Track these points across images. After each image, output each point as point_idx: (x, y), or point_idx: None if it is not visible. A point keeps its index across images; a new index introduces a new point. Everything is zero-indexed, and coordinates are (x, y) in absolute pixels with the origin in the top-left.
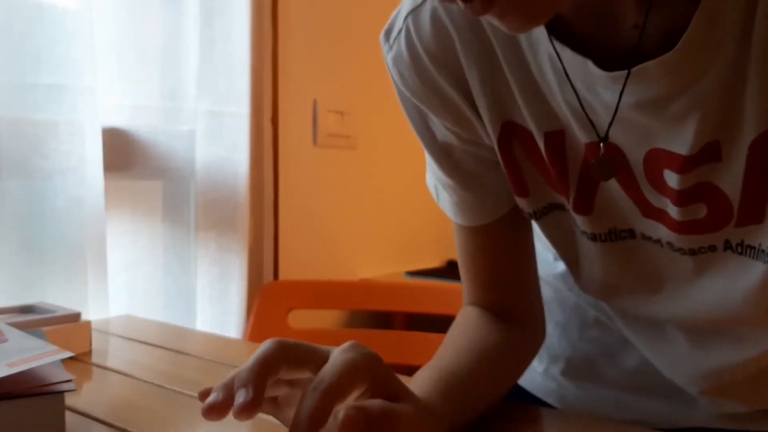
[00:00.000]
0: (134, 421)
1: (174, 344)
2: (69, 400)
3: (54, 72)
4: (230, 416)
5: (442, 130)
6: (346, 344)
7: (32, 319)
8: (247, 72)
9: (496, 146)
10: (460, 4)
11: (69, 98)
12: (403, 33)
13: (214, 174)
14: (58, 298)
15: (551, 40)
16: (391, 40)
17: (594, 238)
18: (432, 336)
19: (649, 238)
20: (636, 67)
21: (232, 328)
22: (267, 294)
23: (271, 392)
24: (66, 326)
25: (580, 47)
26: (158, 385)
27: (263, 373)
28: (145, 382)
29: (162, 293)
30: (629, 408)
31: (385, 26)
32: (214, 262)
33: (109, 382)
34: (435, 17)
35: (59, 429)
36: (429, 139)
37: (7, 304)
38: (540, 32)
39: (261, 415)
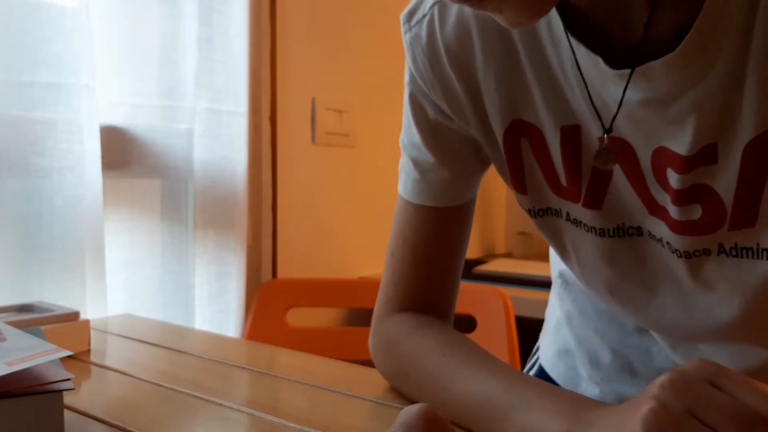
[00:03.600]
0: (133, 420)
1: (173, 343)
2: (68, 399)
3: (52, 70)
4: (230, 415)
5: (436, 108)
6: None
7: (30, 318)
8: (245, 70)
9: (501, 144)
10: (480, 14)
11: (67, 96)
12: (426, 19)
13: (213, 172)
14: (56, 296)
15: (568, 38)
16: (413, 22)
17: (602, 233)
18: None
19: (653, 237)
20: (640, 67)
21: (230, 326)
22: (265, 292)
23: None
24: (64, 325)
25: (593, 44)
26: (157, 384)
27: None
28: (144, 381)
29: (160, 292)
30: None
31: (409, 6)
32: (212, 260)
33: (107, 381)
34: (461, 15)
35: (58, 428)
36: (420, 114)
37: (6, 303)
38: (559, 30)
39: (259, 414)
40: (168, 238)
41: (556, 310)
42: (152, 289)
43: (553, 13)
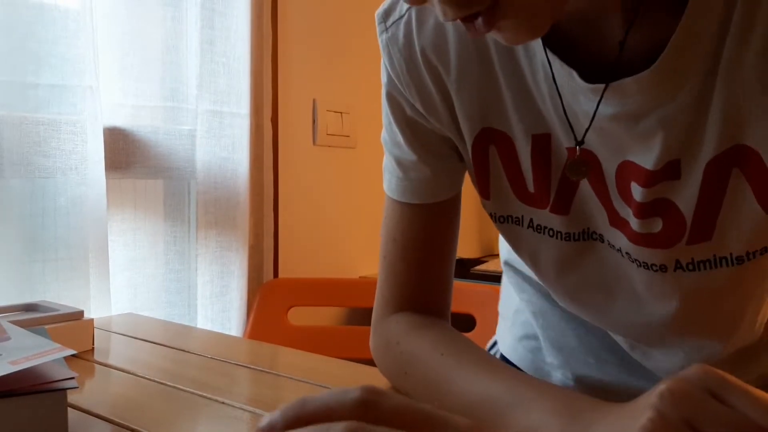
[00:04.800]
0: (136, 419)
1: (175, 342)
2: (71, 397)
3: (56, 72)
4: (232, 413)
5: (412, 107)
6: None
7: (35, 317)
8: (247, 72)
9: (469, 150)
10: (461, 24)
11: (71, 98)
12: (404, 20)
13: (215, 173)
14: (60, 296)
15: (545, 50)
16: (389, 22)
17: (568, 237)
18: None
19: (612, 246)
20: (614, 83)
21: (232, 325)
22: (267, 292)
23: None
24: (68, 324)
25: (569, 57)
26: (160, 383)
27: None
28: (147, 379)
29: (163, 291)
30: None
31: (384, 4)
32: (214, 260)
33: (111, 380)
34: (439, 19)
35: (62, 426)
36: (398, 113)
37: (10, 302)
38: (536, 42)
39: (261, 412)
40: (171, 238)
41: (514, 298)
42: (155, 288)
43: None
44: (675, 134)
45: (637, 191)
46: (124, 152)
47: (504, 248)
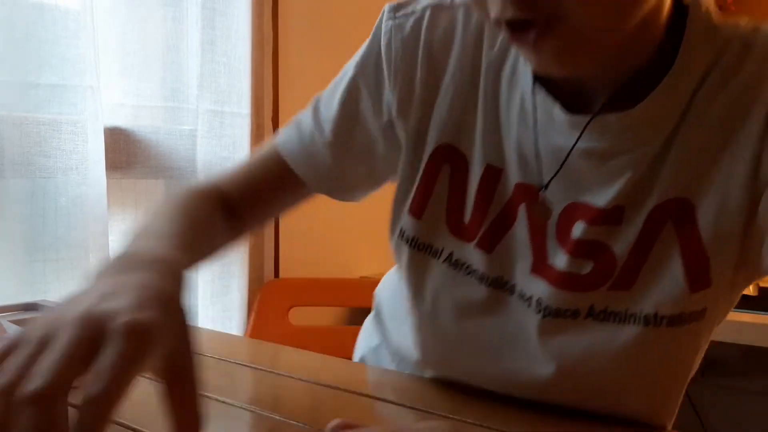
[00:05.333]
0: (136, 417)
1: None
2: (72, 397)
3: (56, 71)
4: (233, 413)
5: (373, 101)
6: None
7: (35, 317)
8: (248, 72)
9: (423, 162)
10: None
11: (71, 98)
12: (415, 17)
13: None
14: (61, 295)
15: (534, 83)
16: (399, 14)
17: (482, 279)
18: None
19: (522, 296)
20: (598, 116)
21: (233, 325)
22: (268, 292)
23: None
24: None
25: (553, 89)
26: (160, 382)
27: None
28: (147, 378)
29: None
30: None
31: (398, 2)
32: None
33: None
34: (451, 26)
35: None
36: (352, 100)
37: (11, 302)
38: (523, 75)
39: (262, 412)
40: None
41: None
42: None
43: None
44: (634, 178)
45: (579, 229)
46: (124, 152)
47: (387, 289)
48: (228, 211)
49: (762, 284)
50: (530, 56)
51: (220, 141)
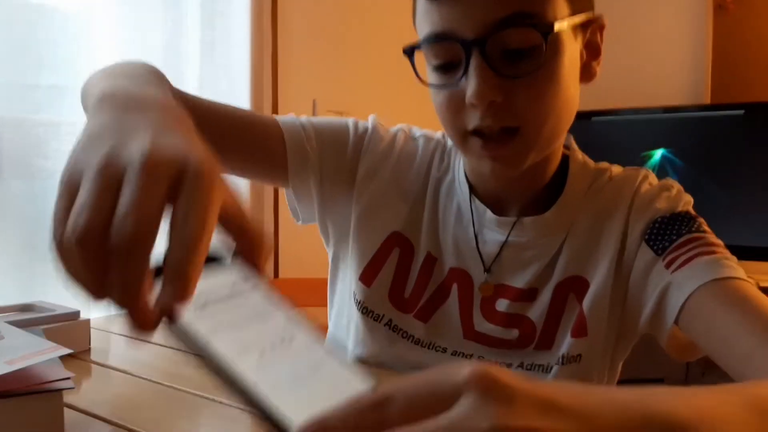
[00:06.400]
0: (134, 419)
1: (174, 342)
2: (68, 397)
3: (55, 73)
4: (230, 414)
5: (348, 163)
6: None
7: (31, 318)
8: (247, 73)
9: (380, 243)
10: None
11: (70, 99)
12: (392, 131)
13: None
14: (59, 296)
15: (471, 195)
16: (382, 128)
17: (418, 342)
18: None
19: (457, 355)
20: (520, 219)
21: None
22: None
23: None
24: (65, 324)
25: (486, 198)
26: (158, 383)
27: None
28: (145, 379)
29: None
30: None
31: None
32: None
33: (108, 380)
34: (413, 149)
35: (58, 426)
36: (337, 148)
37: (9, 303)
38: (461, 190)
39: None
40: None
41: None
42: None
43: (462, 175)
44: (543, 264)
45: (503, 304)
46: None
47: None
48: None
49: (762, 284)
50: (487, 160)
51: None
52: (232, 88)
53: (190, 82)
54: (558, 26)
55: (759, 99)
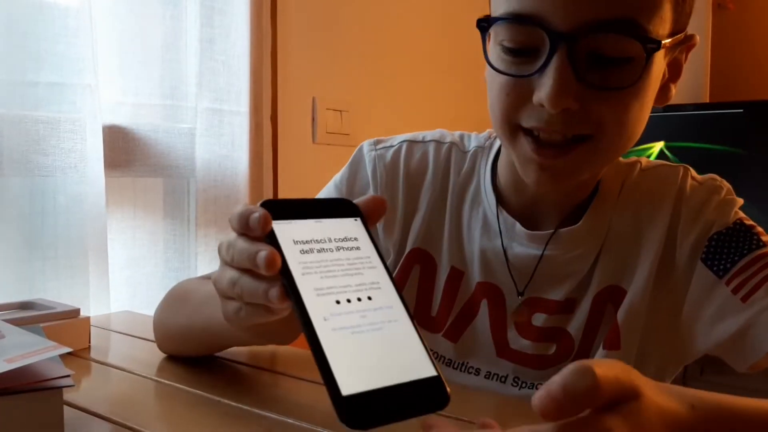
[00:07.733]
0: (133, 417)
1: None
2: (68, 395)
3: (55, 70)
4: (230, 412)
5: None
6: None
7: (30, 315)
8: (246, 70)
9: (400, 262)
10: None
11: (70, 96)
12: (393, 149)
13: (214, 171)
14: (59, 294)
15: (498, 206)
16: (379, 147)
17: (449, 363)
18: None
19: (494, 376)
20: (557, 232)
21: None
22: None
23: None
24: (64, 322)
25: (516, 208)
26: (157, 381)
27: None
28: (145, 377)
29: (163, 289)
30: None
31: (376, 138)
32: (214, 258)
33: (108, 378)
34: (424, 156)
35: (58, 425)
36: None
37: (9, 300)
38: (487, 199)
39: (260, 411)
40: (170, 236)
41: None
42: (154, 286)
43: (488, 182)
44: (580, 276)
45: (539, 319)
46: (123, 150)
47: None
48: None
49: None
50: (534, 167)
51: (218, 139)
52: (231, 85)
53: (190, 78)
54: (664, 43)
55: (758, 98)
